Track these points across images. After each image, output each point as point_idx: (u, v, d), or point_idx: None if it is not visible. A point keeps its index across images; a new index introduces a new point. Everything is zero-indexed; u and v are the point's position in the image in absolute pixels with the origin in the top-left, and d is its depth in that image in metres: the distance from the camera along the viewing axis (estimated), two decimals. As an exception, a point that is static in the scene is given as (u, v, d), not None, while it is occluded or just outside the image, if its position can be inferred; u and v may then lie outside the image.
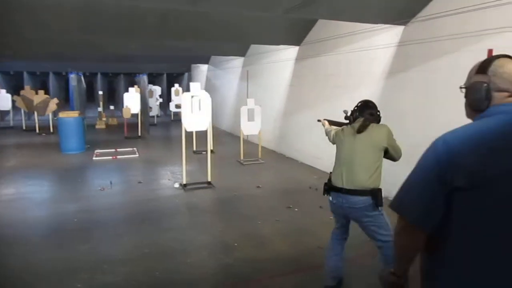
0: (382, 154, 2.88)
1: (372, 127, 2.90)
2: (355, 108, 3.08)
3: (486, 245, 1.29)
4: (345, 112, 3.21)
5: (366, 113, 2.98)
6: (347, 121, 3.16)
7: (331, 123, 3.43)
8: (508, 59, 1.40)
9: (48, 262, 3.90)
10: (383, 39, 6.05)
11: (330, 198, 2.99)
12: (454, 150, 1.30)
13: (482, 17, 4.39)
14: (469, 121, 1.48)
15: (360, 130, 2.88)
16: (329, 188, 2.97)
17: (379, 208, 2.82)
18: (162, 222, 5.01)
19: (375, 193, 2.78)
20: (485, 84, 1.38)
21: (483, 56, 4.29)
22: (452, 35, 4.78)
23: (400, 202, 1.44)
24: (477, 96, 1.40)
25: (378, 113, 3.02)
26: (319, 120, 3.65)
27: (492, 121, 1.34)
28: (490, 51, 3.73)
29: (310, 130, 8.22)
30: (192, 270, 3.74)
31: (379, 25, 5.94)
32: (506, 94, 1.37)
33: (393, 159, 2.94)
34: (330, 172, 3.05)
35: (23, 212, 5.37)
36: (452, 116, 4.80)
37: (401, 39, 5.69)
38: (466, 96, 1.46)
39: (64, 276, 3.60)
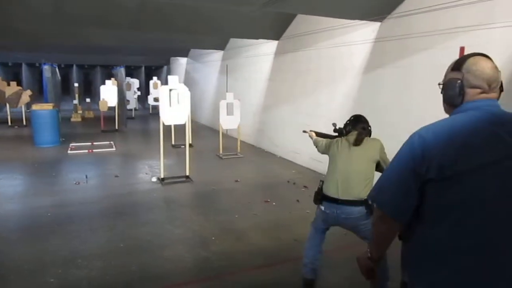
0: (375, 166, 2.99)
1: (367, 140, 3.02)
2: (348, 122, 3.17)
3: (455, 234, 1.35)
4: (334, 125, 3.29)
5: (359, 127, 3.07)
6: (336, 134, 3.25)
7: (318, 134, 3.49)
8: (482, 57, 1.47)
9: (21, 256, 3.80)
10: (361, 35, 6.12)
11: (323, 208, 3.04)
12: (429, 144, 1.37)
13: (455, 15, 4.51)
14: (444, 115, 1.54)
15: (356, 143, 2.98)
16: (323, 197, 3.03)
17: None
18: (139, 216, 4.95)
19: (369, 203, 2.89)
20: (459, 81, 1.45)
21: (456, 53, 4.39)
22: (426, 32, 4.89)
23: (377, 193, 1.53)
24: (451, 92, 1.47)
25: (369, 127, 3.13)
26: (304, 131, 3.71)
27: (465, 117, 1.42)
28: (462, 48, 3.83)
29: (289, 125, 8.27)
30: (169, 264, 3.72)
31: (356, 21, 6.01)
32: (478, 90, 1.44)
33: (383, 171, 3.03)
34: (321, 181, 3.12)
35: (-6, 207, 5.21)
36: (427, 111, 4.92)
37: (377, 35, 5.77)
38: (442, 92, 1.54)
39: (37, 270, 3.53)
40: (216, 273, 3.57)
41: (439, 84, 1.56)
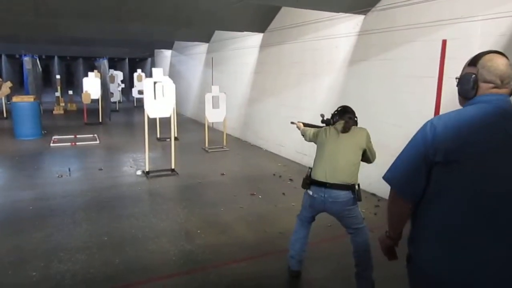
0: (361, 154, 3.08)
1: (354, 129, 3.12)
2: (335, 112, 3.28)
3: (451, 215, 1.47)
4: (322, 116, 3.39)
5: (346, 117, 3.18)
6: (323, 125, 3.35)
7: (305, 125, 3.60)
8: (497, 54, 1.56)
9: (1, 250, 3.74)
10: (345, 28, 6.15)
11: (310, 193, 3.11)
12: (439, 132, 1.49)
13: (437, 8, 4.56)
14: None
15: (344, 130, 3.08)
16: (311, 182, 3.09)
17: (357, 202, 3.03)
18: (123, 210, 4.91)
19: (355, 188, 2.98)
20: (474, 75, 1.55)
21: (438, 46, 4.45)
22: (409, 25, 4.93)
23: (391, 175, 1.64)
24: (466, 86, 1.57)
25: (355, 118, 3.23)
26: (292, 123, 3.81)
27: (475, 109, 1.52)
28: (444, 41, 3.88)
29: (274, 118, 8.28)
30: (152, 257, 3.70)
31: (340, 14, 6.02)
32: (491, 85, 1.53)
33: (369, 160, 3.17)
34: (309, 168, 3.20)
35: (-27, 201, 5.10)
36: (410, 103, 4.98)
37: (361, 28, 5.80)
38: (458, 85, 1.63)
39: (18, 264, 3.48)
40: (200, 266, 3.57)
41: (455, 78, 1.66)
